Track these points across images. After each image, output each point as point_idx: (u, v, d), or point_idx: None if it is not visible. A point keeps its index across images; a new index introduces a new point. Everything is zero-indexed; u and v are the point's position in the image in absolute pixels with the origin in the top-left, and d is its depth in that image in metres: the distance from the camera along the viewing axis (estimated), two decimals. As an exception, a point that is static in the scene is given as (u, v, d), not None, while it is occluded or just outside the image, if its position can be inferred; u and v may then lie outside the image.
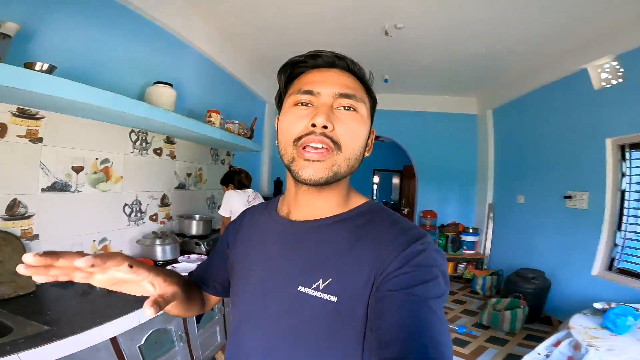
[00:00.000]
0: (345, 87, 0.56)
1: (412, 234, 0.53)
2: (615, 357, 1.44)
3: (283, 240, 0.61)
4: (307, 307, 0.53)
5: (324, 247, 0.56)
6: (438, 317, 0.46)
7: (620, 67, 2.54)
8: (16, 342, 1.02)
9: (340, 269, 0.53)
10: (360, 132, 0.57)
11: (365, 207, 0.61)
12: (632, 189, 2.58)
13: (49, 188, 1.60)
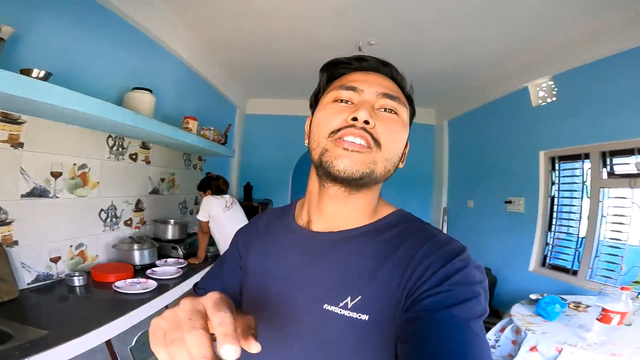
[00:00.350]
0: (388, 88, 0.54)
1: (450, 249, 0.49)
2: (548, 340, 1.71)
3: (304, 254, 0.56)
4: (334, 326, 0.49)
5: (352, 263, 0.52)
6: (481, 340, 0.42)
7: (555, 86, 2.96)
8: (22, 347, 1.05)
9: (370, 286, 0.49)
10: (400, 136, 0.54)
11: (394, 217, 0.57)
12: (560, 195, 3.03)
13: (29, 194, 1.58)
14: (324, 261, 0.54)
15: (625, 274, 2.41)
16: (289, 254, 0.58)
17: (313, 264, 0.55)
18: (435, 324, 0.42)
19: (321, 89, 0.61)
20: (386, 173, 0.53)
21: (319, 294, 0.51)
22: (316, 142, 0.53)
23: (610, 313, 1.67)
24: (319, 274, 0.53)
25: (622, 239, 2.49)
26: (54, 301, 1.51)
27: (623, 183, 2.49)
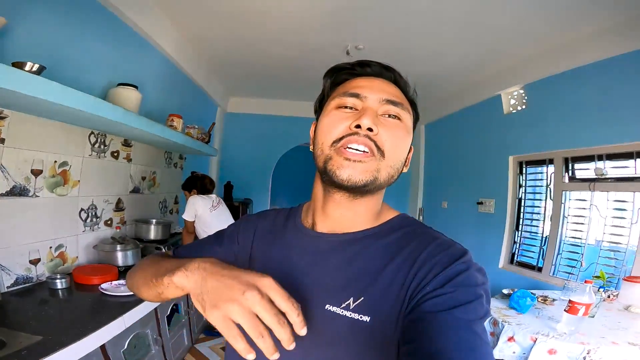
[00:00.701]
0: (392, 94, 0.55)
1: (453, 252, 0.50)
2: (523, 330, 1.84)
3: (309, 254, 0.57)
4: (335, 327, 0.49)
5: (355, 264, 0.53)
6: (483, 341, 0.42)
7: (525, 95, 3.17)
8: (20, 354, 1.00)
9: (373, 287, 0.50)
10: (404, 142, 0.55)
11: (397, 220, 0.59)
12: (527, 197, 3.27)
13: (8, 193, 1.49)
14: (328, 262, 0.54)
15: (585, 270, 2.64)
16: (293, 254, 0.58)
17: (316, 264, 0.55)
18: (438, 325, 0.42)
19: (325, 94, 0.61)
20: (390, 179, 0.54)
21: (322, 294, 0.52)
22: (320, 150, 0.54)
23: (576, 305, 1.83)
24: (322, 274, 0.54)
25: (582, 238, 2.73)
26: (38, 305, 1.43)
27: (583, 187, 2.72)
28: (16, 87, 1.12)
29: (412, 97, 0.61)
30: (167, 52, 2.67)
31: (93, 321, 1.31)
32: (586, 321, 1.84)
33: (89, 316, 1.38)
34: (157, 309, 1.81)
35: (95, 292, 1.64)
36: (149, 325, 1.72)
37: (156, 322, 1.81)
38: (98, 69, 1.98)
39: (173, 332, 2.05)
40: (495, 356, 1.88)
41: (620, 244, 2.47)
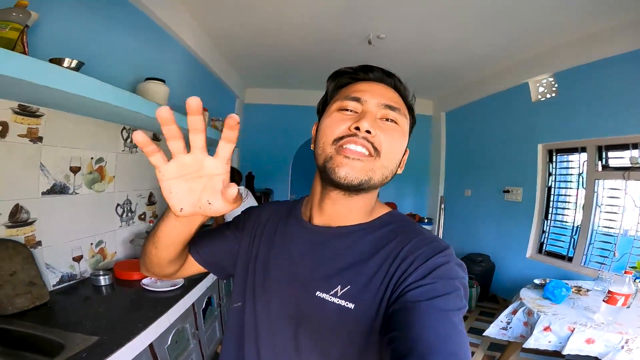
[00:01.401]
0: (390, 100, 0.58)
1: (435, 246, 0.53)
2: (560, 320, 1.84)
3: (304, 245, 0.61)
4: (324, 312, 0.53)
5: (345, 255, 0.56)
6: (460, 331, 0.44)
7: (555, 83, 3.08)
8: (80, 356, 1.00)
9: (359, 277, 0.53)
10: (399, 144, 0.58)
11: (387, 217, 0.61)
12: (556, 185, 3.19)
13: (49, 191, 1.49)
14: (321, 252, 0.58)
15: (617, 260, 2.59)
16: (291, 244, 0.62)
17: (311, 254, 0.59)
18: (418, 314, 0.44)
19: (328, 97, 0.64)
20: (383, 179, 0.57)
21: (314, 282, 0.55)
22: (321, 149, 0.56)
23: (616, 295, 1.81)
24: (315, 263, 0.58)
25: (614, 228, 2.66)
26: (85, 303, 1.45)
27: (617, 175, 2.65)
28: (56, 84, 1.09)
29: (410, 102, 0.63)
30: (188, 46, 2.65)
31: (141, 318, 1.32)
32: (623, 311, 1.83)
33: (136, 313, 1.39)
34: (194, 304, 1.82)
35: (137, 287, 1.66)
36: (187, 320, 1.74)
37: (194, 317, 1.83)
38: (125, 63, 1.95)
39: (207, 326, 2.08)
40: (530, 345, 1.88)
41: (655, 233, 2.42)
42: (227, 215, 2.40)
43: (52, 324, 1.21)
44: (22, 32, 1.08)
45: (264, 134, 4.72)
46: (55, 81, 1.10)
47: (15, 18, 1.06)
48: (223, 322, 2.42)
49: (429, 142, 4.98)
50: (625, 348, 1.64)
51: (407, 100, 0.63)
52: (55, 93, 1.17)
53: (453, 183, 4.60)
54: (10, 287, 1.25)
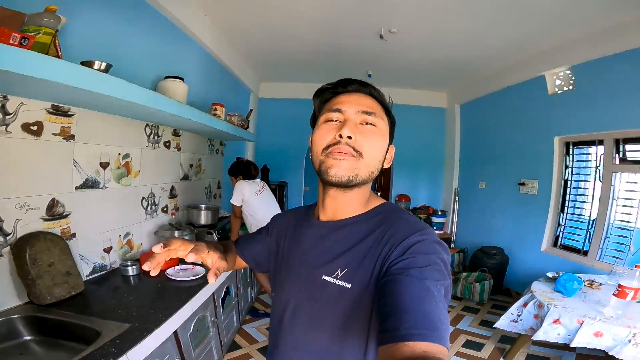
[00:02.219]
0: (367, 106, 0.66)
1: (414, 227, 0.61)
2: (570, 313, 1.86)
3: (314, 238, 0.71)
4: (328, 292, 0.63)
5: (343, 242, 0.66)
6: (431, 293, 0.50)
7: (573, 76, 3.02)
8: (115, 342, 1.08)
9: (354, 259, 0.63)
10: (378, 144, 0.66)
11: (380, 208, 0.70)
12: (573, 178, 3.15)
13: (82, 185, 1.60)
14: (325, 242, 0.69)
15: (633, 255, 2.56)
16: (304, 239, 0.74)
17: (318, 245, 0.70)
18: (397, 283, 0.52)
19: (315, 111, 0.74)
20: (370, 175, 0.66)
21: (320, 267, 0.66)
22: (315, 156, 0.67)
23: (625, 289, 1.81)
24: (320, 252, 0.68)
25: (631, 221, 2.63)
26: (116, 292, 1.55)
27: (634, 168, 2.60)
28: (88, 86, 1.15)
29: (387, 105, 0.72)
30: (204, 43, 2.70)
31: (167, 307, 1.40)
32: (633, 305, 1.84)
33: (162, 302, 1.48)
34: (214, 293, 1.91)
35: (162, 277, 1.76)
36: (208, 308, 1.83)
37: (213, 305, 1.93)
38: (146, 63, 2.02)
39: (226, 314, 2.18)
40: (539, 338, 1.91)
41: (671, 228, 2.38)
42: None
43: (87, 312, 1.30)
44: (54, 36, 1.12)
45: (278, 127, 4.79)
46: (88, 83, 1.15)
47: (47, 23, 1.10)
48: (240, 312, 2.53)
49: (443, 134, 4.95)
50: (632, 342, 1.66)
51: (384, 103, 0.71)
52: (87, 94, 1.24)
53: (467, 175, 4.57)
54: (49, 278, 1.33)
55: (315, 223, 0.73)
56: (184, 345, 1.50)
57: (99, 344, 1.07)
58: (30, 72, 0.94)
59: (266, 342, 2.44)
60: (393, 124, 0.73)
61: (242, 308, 2.63)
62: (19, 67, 0.90)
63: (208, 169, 3.06)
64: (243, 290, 2.64)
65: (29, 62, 0.93)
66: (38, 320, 1.24)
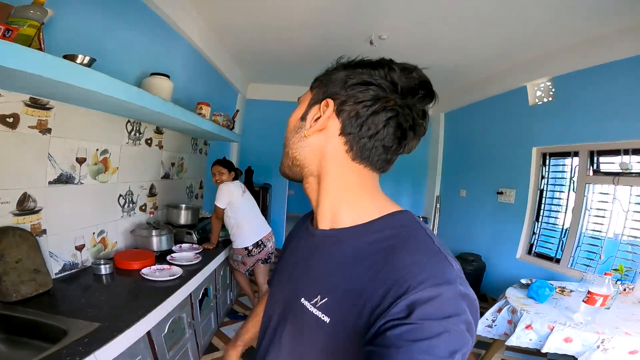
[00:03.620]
0: (298, 100, 0.61)
1: (427, 267, 0.43)
2: (541, 319, 1.91)
3: (304, 249, 0.60)
4: (304, 320, 0.51)
5: (330, 261, 0.52)
6: None
7: (553, 87, 3.12)
8: (83, 342, 1.05)
9: (338, 288, 0.49)
10: (292, 119, 0.58)
11: (388, 219, 0.52)
12: (548, 188, 3.26)
13: (56, 180, 1.55)
14: (312, 257, 0.56)
15: (603, 263, 2.67)
16: (298, 249, 0.63)
17: (305, 259, 0.58)
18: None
19: None
20: (292, 164, 0.57)
21: (301, 287, 0.54)
22: None
23: (595, 295, 1.88)
24: (307, 268, 0.56)
25: (602, 231, 2.74)
26: (86, 291, 1.50)
27: (607, 180, 2.71)
28: (70, 80, 1.13)
29: (317, 78, 0.59)
30: (192, 41, 2.68)
31: (140, 307, 1.37)
32: (602, 312, 1.90)
33: (135, 302, 1.45)
34: (191, 294, 1.89)
35: (136, 277, 1.72)
36: (184, 310, 1.81)
37: (190, 306, 1.90)
38: (132, 58, 2.00)
39: (203, 316, 2.15)
40: (512, 343, 1.96)
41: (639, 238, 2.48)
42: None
43: (55, 311, 1.25)
44: (39, 29, 1.11)
45: (264, 129, 4.77)
46: (69, 77, 1.13)
47: (33, 15, 1.08)
48: (218, 314, 2.49)
49: (428, 142, 5.03)
50: (601, 348, 1.71)
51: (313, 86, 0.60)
52: (68, 88, 1.21)
53: (449, 183, 4.66)
54: (16, 274, 1.29)
55: (310, 231, 0.60)
56: (157, 346, 1.47)
57: (65, 342, 1.04)
58: (10, 63, 0.92)
59: (244, 345, 2.45)
60: (322, 83, 0.56)
61: (221, 310, 2.60)
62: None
63: (190, 168, 3.03)
64: (222, 292, 2.61)
65: (9, 53, 0.91)
66: (2, 317, 1.20)
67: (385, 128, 0.51)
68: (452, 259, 0.46)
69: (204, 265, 2.06)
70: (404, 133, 0.52)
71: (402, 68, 0.52)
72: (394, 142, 0.52)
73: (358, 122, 0.51)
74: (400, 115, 0.51)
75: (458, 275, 0.43)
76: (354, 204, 0.54)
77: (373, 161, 0.53)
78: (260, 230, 2.62)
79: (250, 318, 0.86)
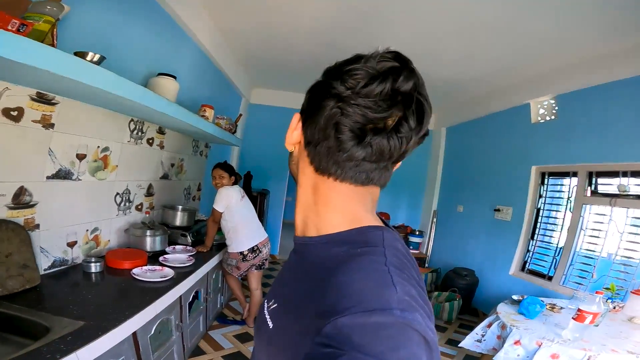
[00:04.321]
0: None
1: (357, 297, 0.36)
2: (530, 335, 1.91)
3: (289, 257, 0.58)
4: (262, 320, 0.51)
5: (292, 269, 0.53)
6: None
7: (556, 106, 3.12)
8: (65, 339, 1.04)
9: (284, 298, 0.48)
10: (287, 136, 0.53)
11: (353, 235, 0.46)
12: (545, 207, 3.27)
13: (54, 176, 1.56)
14: (289, 261, 0.56)
15: (595, 282, 2.67)
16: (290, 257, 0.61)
17: (286, 264, 0.58)
18: None
19: None
20: (291, 174, 0.56)
21: (272, 289, 0.56)
22: None
23: (584, 313, 1.88)
24: (282, 270, 0.58)
25: (595, 251, 2.74)
26: (74, 288, 1.48)
27: (604, 201, 2.72)
28: (78, 77, 1.13)
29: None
30: (201, 43, 2.70)
31: (128, 307, 1.36)
32: (590, 329, 1.90)
33: (123, 302, 1.43)
34: (182, 296, 1.87)
35: (127, 276, 1.70)
36: (173, 312, 1.78)
37: (179, 309, 1.88)
38: (140, 57, 2.01)
39: (192, 319, 2.14)
40: (500, 358, 1.95)
41: (633, 258, 2.49)
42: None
43: (40, 307, 1.23)
44: (53, 25, 1.12)
45: (266, 134, 4.77)
46: (78, 74, 1.13)
47: (49, 11, 1.09)
48: (208, 317, 2.48)
49: (428, 156, 5.04)
50: (587, 364, 1.72)
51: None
52: (76, 84, 1.21)
53: (447, 198, 4.66)
54: (4, 269, 1.27)
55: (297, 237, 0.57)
56: (142, 347, 1.45)
57: (46, 340, 1.02)
58: (21, 58, 0.92)
59: (231, 350, 2.43)
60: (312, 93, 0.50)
61: (210, 313, 2.58)
62: (9, 52, 0.89)
63: (190, 169, 3.04)
64: (213, 296, 2.59)
65: (21, 48, 0.92)
66: (-16, 312, 1.18)
67: (333, 130, 0.43)
68: (402, 282, 0.38)
69: (197, 268, 2.06)
70: (362, 133, 0.42)
71: (355, 58, 0.45)
72: (354, 146, 0.43)
73: (311, 130, 0.46)
74: (346, 113, 0.42)
75: (401, 300, 0.35)
76: (321, 216, 0.49)
77: (338, 171, 0.46)
78: (257, 235, 2.62)
79: None
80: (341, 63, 0.46)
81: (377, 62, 0.44)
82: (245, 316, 2.84)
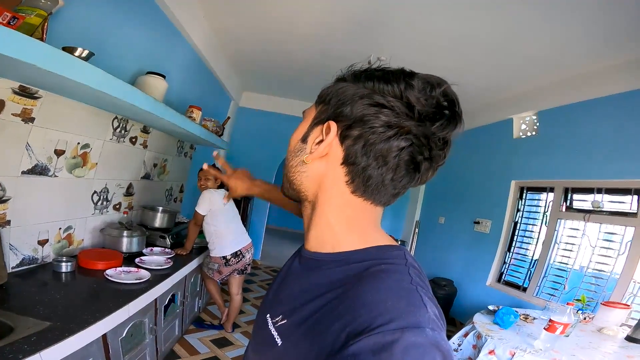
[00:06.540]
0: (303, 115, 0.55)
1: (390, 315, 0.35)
2: (504, 344, 1.95)
3: (290, 266, 0.57)
4: (264, 336, 0.48)
5: (303, 284, 0.49)
6: None
7: (537, 122, 3.23)
8: (29, 340, 1.01)
9: (298, 314, 0.45)
10: (291, 140, 0.52)
11: (372, 252, 0.46)
12: (523, 221, 3.36)
13: (29, 171, 1.51)
14: (293, 275, 0.54)
15: (567, 293, 2.76)
16: (288, 266, 0.60)
17: (288, 275, 0.56)
18: None
19: None
20: (290, 187, 0.52)
21: (272, 303, 0.53)
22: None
23: (556, 324, 1.93)
24: (284, 285, 0.55)
25: (568, 264, 2.84)
26: (43, 288, 1.43)
27: (578, 216, 2.83)
28: (63, 72, 1.11)
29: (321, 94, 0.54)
30: (194, 43, 2.67)
31: (99, 309, 1.32)
32: (561, 340, 1.96)
33: (94, 303, 1.39)
34: (157, 299, 1.83)
35: (100, 277, 1.65)
36: (147, 314, 1.74)
37: (154, 312, 1.84)
38: (131, 54, 1.98)
39: (167, 322, 2.09)
40: (474, 368, 1.98)
41: (603, 271, 2.58)
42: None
43: (4, 306, 1.20)
44: (45, 19, 1.10)
45: (253, 138, 4.79)
46: (64, 69, 1.11)
47: (42, 5, 1.08)
48: (184, 321, 2.43)
49: (412, 167, 5.12)
50: (557, 373, 1.77)
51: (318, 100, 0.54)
52: (61, 79, 1.19)
53: (429, 209, 4.74)
54: None
55: (301, 251, 0.57)
56: (112, 350, 1.41)
57: (10, 339, 0.99)
58: (6, 51, 0.91)
59: (207, 354, 2.39)
60: (327, 99, 0.50)
61: (187, 317, 2.53)
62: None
63: (173, 171, 3.00)
64: (190, 299, 2.55)
65: (7, 41, 0.90)
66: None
67: (396, 160, 0.44)
68: (430, 302, 0.39)
69: (175, 271, 2.02)
70: (418, 166, 0.45)
71: (423, 83, 0.45)
72: (405, 176, 0.45)
73: (364, 151, 0.44)
74: (414, 145, 0.44)
75: (431, 320, 0.36)
76: (343, 235, 0.48)
77: (376, 195, 0.46)
78: (241, 240, 2.60)
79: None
80: (404, 76, 0.47)
81: (441, 94, 0.46)
82: (224, 321, 2.79)
